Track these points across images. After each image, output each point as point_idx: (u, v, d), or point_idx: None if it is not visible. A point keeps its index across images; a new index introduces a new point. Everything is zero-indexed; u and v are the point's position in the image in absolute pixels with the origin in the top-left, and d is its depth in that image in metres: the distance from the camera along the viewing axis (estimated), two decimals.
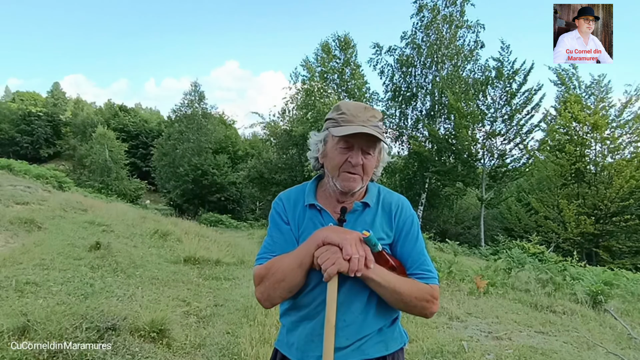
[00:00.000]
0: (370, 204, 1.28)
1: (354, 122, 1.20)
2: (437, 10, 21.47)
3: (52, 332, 2.80)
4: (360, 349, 1.19)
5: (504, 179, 21.22)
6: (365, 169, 1.22)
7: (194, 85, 31.80)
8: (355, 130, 1.17)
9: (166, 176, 30.11)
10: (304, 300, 1.22)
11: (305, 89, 22.40)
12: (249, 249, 8.88)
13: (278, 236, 1.28)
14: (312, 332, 1.20)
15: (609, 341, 4.39)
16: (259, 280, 1.21)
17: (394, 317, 1.30)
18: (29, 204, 8.46)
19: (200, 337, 3.57)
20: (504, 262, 9.42)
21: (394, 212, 1.29)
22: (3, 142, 40.78)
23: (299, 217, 1.28)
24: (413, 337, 3.94)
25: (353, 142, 1.20)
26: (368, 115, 1.22)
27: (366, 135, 1.18)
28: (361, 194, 1.30)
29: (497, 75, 19.58)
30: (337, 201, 1.28)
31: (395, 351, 1.26)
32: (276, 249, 1.25)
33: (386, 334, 1.25)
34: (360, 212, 1.27)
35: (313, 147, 1.34)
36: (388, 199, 1.32)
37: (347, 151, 1.21)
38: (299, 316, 1.24)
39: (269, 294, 1.19)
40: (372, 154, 1.23)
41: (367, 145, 1.21)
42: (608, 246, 18.10)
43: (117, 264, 5.21)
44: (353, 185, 1.22)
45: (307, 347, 1.21)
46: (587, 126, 18.85)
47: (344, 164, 1.21)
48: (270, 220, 1.32)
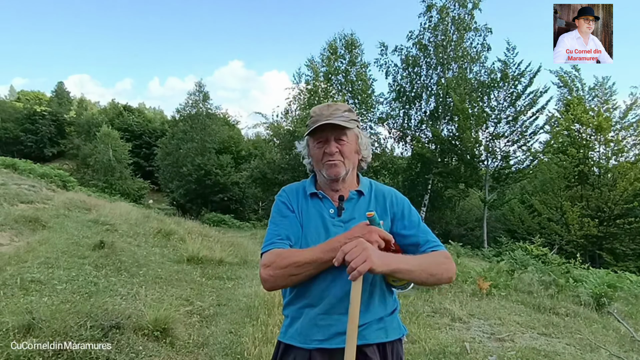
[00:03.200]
0: (364, 193, 1.39)
1: (320, 120, 1.32)
2: (445, 11, 21.37)
3: (56, 330, 2.82)
4: (361, 334, 1.20)
5: (507, 181, 21.12)
6: (343, 153, 1.33)
7: (198, 86, 31.84)
8: (316, 124, 1.30)
9: (169, 176, 30.13)
10: (309, 289, 1.26)
11: (309, 90, 22.38)
12: (251, 249, 8.90)
13: (283, 221, 1.34)
14: (315, 317, 1.24)
15: (612, 344, 4.38)
16: (268, 263, 1.22)
17: (394, 307, 1.34)
18: (34, 202, 8.52)
19: (203, 336, 3.59)
20: (506, 264, 9.40)
21: (387, 200, 1.39)
22: (7, 141, 40.91)
23: (302, 205, 1.37)
24: (415, 338, 3.95)
25: (325, 136, 1.33)
26: (331, 110, 1.34)
27: (331, 126, 1.30)
28: (353, 183, 1.41)
29: (502, 77, 19.49)
30: (332, 190, 1.38)
31: (394, 340, 1.30)
32: (282, 232, 1.30)
33: (386, 322, 1.29)
34: (356, 200, 1.37)
35: (304, 153, 1.46)
36: (380, 189, 1.44)
37: (322, 144, 1.34)
38: (303, 304, 1.28)
39: (276, 279, 1.21)
40: (345, 140, 1.34)
41: (336, 134, 1.32)
42: (612, 248, 18.00)
43: (121, 263, 5.24)
44: (337, 170, 1.33)
45: (309, 332, 1.24)
46: (591, 128, 18.77)
47: (324, 156, 1.33)
48: (274, 209, 1.39)
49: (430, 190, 22.26)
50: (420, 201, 21.84)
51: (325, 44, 24.00)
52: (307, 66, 23.99)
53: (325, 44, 24.00)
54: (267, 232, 1.34)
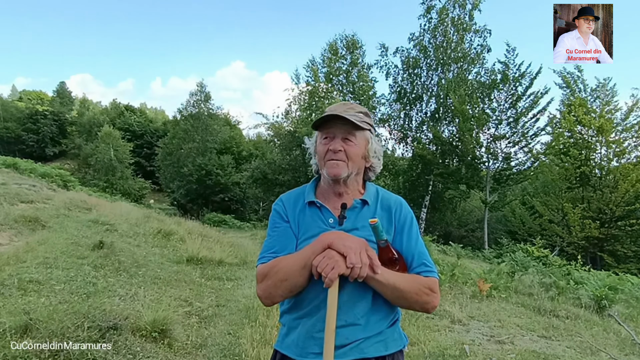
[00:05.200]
0: (369, 202, 1.31)
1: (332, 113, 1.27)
2: (445, 12, 21.38)
3: (54, 330, 2.81)
4: (359, 347, 1.19)
5: (508, 182, 21.10)
6: (348, 154, 1.27)
7: (200, 86, 31.86)
8: (325, 114, 1.25)
9: (170, 176, 30.15)
10: (305, 298, 1.24)
11: (309, 90, 22.37)
12: (251, 250, 8.88)
13: (278, 235, 1.30)
14: (311, 329, 1.21)
15: (613, 346, 4.36)
16: (261, 278, 1.22)
17: (395, 318, 1.30)
18: (34, 202, 8.52)
19: (201, 338, 3.57)
20: (507, 266, 9.37)
21: (393, 210, 1.33)
22: (9, 140, 41.00)
23: (299, 215, 1.31)
24: (415, 340, 3.93)
25: (332, 132, 1.28)
26: (345, 107, 1.30)
27: (342, 123, 1.25)
28: (357, 189, 1.35)
29: (502, 79, 19.47)
30: (334, 194, 1.32)
31: (394, 352, 1.26)
32: (276, 246, 1.27)
33: (386, 334, 1.25)
34: (359, 209, 1.30)
35: (311, 151, 1.39)
36: (387, 198, 1.36)
37: (329, 141, 1.28)
38: (299, 314, 1.26)
39: (271, 292, 1.20)
40: (352, 141, 1.27)
41: (345, 132, 1.27)
42: (613, 250, 17.96)
43: (120, 263, 5.23)
44: (337, 171, 1.26)
45: (306, 344, 1.21)
46: (593, 130, 18.74)
47: (327, 153, 1.27)
48: (270, 220, 1.36)
49: (431, 192, 22.24)
50: (420, 202, 21.83)
51: (326, 45, 24.04)
52: (306, 68, 24.01)
53: (326, 45, 24.04)
54: (264, 243, 1.32)
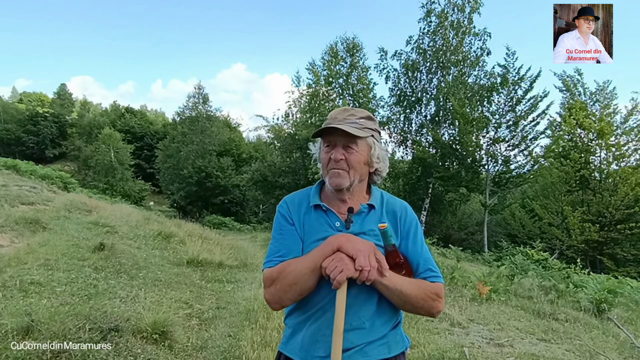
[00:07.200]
0: (375, 206, 1.32)
1: (332, 123, 1.28)
2: (444, 16, 21.44)
3: (55, 332, 2.82)
4: (363, 351, 1.20)
5: (508, 185, 21.11)
6: (349, 163, 1.26)
7: (198, 88, 31.92)
8: (325, 126, 1.26)
9: (170, 178, 30.17)
10: (310, 301, 1.23)
11: (309, 93, 22.41)
12: (251, 252, 8.88)
13: (283, 238, 1.30)
14: (317, 332, 1.22)
15: (612, 350, 4.37)
16: (269, 282, 1.22)
17: (397, 321, 1.31)
18: (35, 204, 8.53)
19: (202, 340, 3.58)
20: (507, 269, 9.36)
21: (398, 215, 1.33)
22: (9, 142, 41.08)
23: (304, 217, 1.31)
24: (414, 343, 3.93)
25: (334, 141, 1.28)
26: (346, 114, 1.30)
27: (342, 132, 1.24)
28: (362, 194, 1.35)
29: (502, 82, 19.51)
30: (339, 200, 1.31)
31: (397, 354, 1.27)
32: (282, 249, 1.27)
33: (389, 337, 1.26)
34: (366, 213, 1.30)
35: (316, 156, 1.40)
36: (392, 203, 1.37)
37: (330, 149, 1.29)
38: (304, 317, 1.26)
39: (280, 296, 1.20)
40: (353, 149, 1.27)
41: (346, 140, 1.26)
42: (612, 254, 17.95)
43: (121, 265, 5.24)
44: (339, 181, 1.26)
45: (311, 347, 1.22)
46: (593, 133, 18.77)
47: (329, 162, 1.28)
48: (275, 223, 1.35)
49: (430, 194, 22.24)
50: (420, 205, 21.83)
51: (327, 47, 24.09)
52: (308, 70, 24.05)
53: (327, 47, 24.09)
54: (269, 246, 1.32)
